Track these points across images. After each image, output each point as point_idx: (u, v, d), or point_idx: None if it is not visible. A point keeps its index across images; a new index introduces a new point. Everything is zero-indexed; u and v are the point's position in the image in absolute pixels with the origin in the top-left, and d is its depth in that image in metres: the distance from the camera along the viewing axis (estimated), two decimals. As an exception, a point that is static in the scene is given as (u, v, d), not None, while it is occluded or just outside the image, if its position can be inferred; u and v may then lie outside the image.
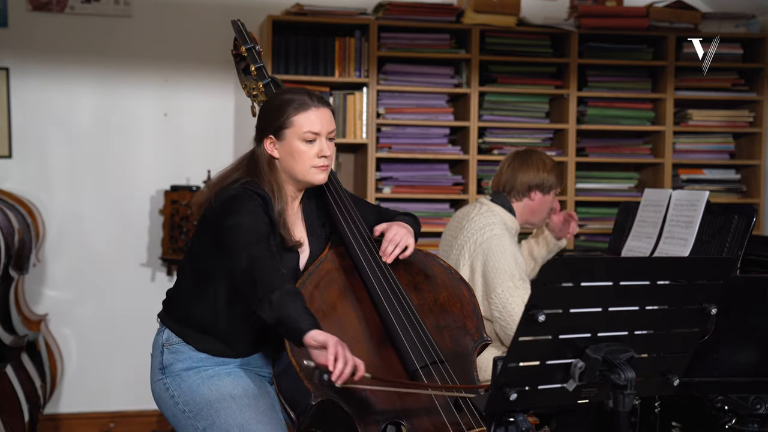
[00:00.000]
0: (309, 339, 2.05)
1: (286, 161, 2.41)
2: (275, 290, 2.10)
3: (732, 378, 2.82)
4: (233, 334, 2.43)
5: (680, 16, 4.75)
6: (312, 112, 2.40)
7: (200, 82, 4.75)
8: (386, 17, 4.54)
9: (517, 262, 3.15)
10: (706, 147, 4.90)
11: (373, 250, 2.50)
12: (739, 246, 3.02)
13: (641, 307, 1.91)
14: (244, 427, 2.31)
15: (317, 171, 2.42)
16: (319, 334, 2.04)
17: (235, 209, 2.30)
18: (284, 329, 2.11)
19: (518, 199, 3.35)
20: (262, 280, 2.13)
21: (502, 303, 3.08)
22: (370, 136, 4.53)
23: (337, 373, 2.00)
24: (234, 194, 2.34)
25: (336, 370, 2.00)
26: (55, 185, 4.64)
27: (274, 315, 2.09)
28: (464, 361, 2.45)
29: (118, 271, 4.69)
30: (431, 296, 2.54)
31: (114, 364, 4.69)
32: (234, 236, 2.25)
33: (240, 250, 2.21)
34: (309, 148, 2.40)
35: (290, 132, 2.39)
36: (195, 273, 2.45)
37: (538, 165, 3.34)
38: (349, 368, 2.02)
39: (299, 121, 2.39)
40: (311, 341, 2.04)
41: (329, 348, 2.01)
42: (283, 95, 2.45)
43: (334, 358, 2.00)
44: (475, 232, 3.23)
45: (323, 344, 2.03)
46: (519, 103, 4.70)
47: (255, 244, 2.21)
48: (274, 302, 2.09)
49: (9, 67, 4.55)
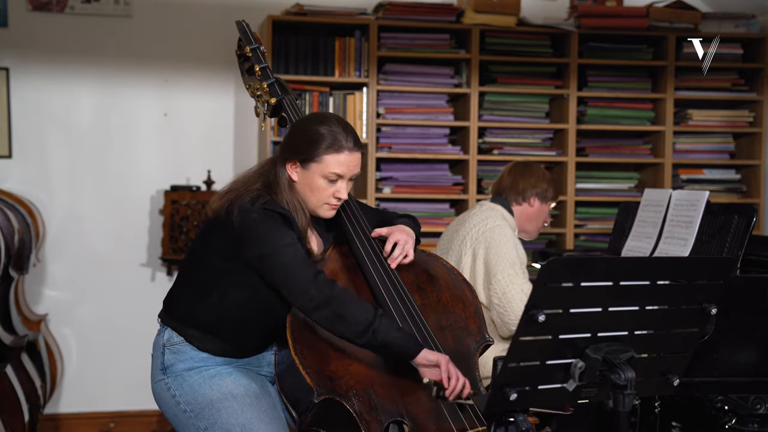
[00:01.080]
0: (422, 359, 2.25)
1: (303, 189, 2.40)
2: (373, 320, 2.24)
3: (732, 378, 2.82)
4: (236, 336, 2.43)
5: (680, 16, 4.75)
6: (344, 155, 2.37)
7: (200, 82, 4.75)
8: (386, 17, 4.53)
9: (518, 252, 3.24)
10: (706, 147, 4.90)
11: (377, 249, 2.50)
12: (739, 246, 3.02)
13: (641, 307, 1.91)
14: (245, 427, 2.32)
15: (328, 208, 2.43)
16: (430, 353, 2.25)
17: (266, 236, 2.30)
18: (389, 352, 2.29)
19: (518, 203, 3.43)
20: (349, 311, 2.26)
21: (502, 290, 3.15)
22: (370, 136, 4.53)
23: (451, 389, 2.24)
24: (257, 218, 2.31)
25: (450, 386, 2.24)
26: (55, 185, 4.64)
27: (379, 342, 2.24)
28: (467, 360, 2.45)
29: (118, 271, 4.69)
30: (434, 296, 2.55)
31: (114, 364, 4.68)
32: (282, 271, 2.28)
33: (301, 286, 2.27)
34: (328, 187, 2.39)
35: (316, 166, 2.37)
36: (199, 275, 2.44)
37: (539, 174, 3.45)
38: (460, 384, 2.25)
39: (328, 160, 2.36)
40: (424, 361, 2.25)
41: (442, 366, 2.24)
42: (320, 127, 2.38)
43: (447, 376, 2.23)
44: (478, 223, 3.31)
45: (435, 363, 2.24)
46: (519, 103, 4.70)
47: (313, 278, 2.27)
48: (378, 330, 2.24)
49: (9, 67, 4.55)
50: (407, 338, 2.26)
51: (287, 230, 2.32)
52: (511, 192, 3.42)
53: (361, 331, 2.24)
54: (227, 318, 2.40)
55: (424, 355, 2.24)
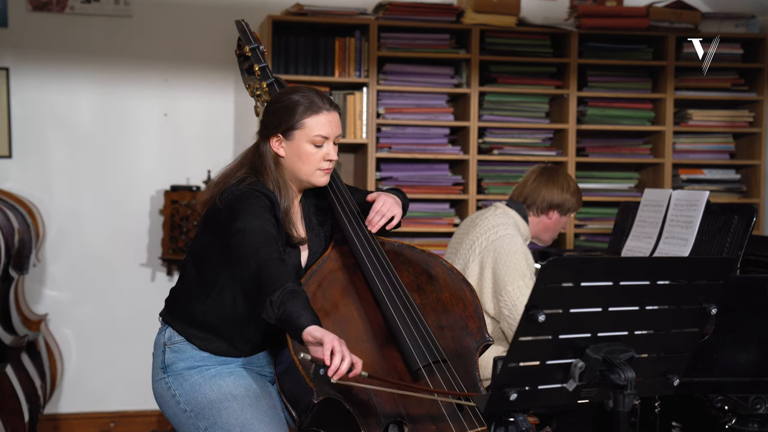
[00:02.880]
0: (306, 335, 2.04)
1: (292, 161, 2.41)
2: (277, 290, 2.09)
3: (732, 378, 2.82)
4: (238, 335, 2.43)
5: (680, 16, 4.75)
6: (323, 116, 2.39)
7: (200, 82, 4.75)
8: (386, 17, 4.54)
9: (528, 262, 3.18)
10: (706, 147, 4.90)
11: (376, 249, 2.50)
12: (739, 246, 3.02)
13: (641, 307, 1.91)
14: (245, 427, 2.32)
15: (322, 174, 2.42)
16: (316, 330, 2.04)
17: (241, 211, 2.29)
18: (286, 326, 2.10)
19: (536, 214, 3.37)
20: (268, 282, 2.12)
21: (513, 301, 3.10)
22: (370, 136, 4.53)
23: (334, 368, 2.00)
24: (239, 194, 2.32)
25: (332, 365, 2.00)
26: (55, 185, 4.64)
27: (275, 314, 2.08)
28: (466, 360, 2.45)
29: (118, 271, 4.69)
30: (434, 296, 2.55)
31: (114, 364, 4.68)
32: (241, 240, 2.23)
33: (248, 255, 2.19)
34: (317, 151, 2.39)
35: (300, 133, 2.38)
36: (198, 272, 2.44)
37: (563, 185, 3.36)
38: (345, 364, 2.01)
39: (310, 123, 2.38)
40: (308, 337, 2.04)
41: (325, 343, 2.01)
42: (293, 95, 2.42)
43: (330, 353, 2.00)
44: (488, 229, 3.25)
45: (320, 340, 2.02)
46: (519, 103, 4.70)
47: (263, 247, 2.20)
48: (274, 301, 2.08)
49: (9, 67, 4.55)
50: (301, 313, 2.07)
51: (266, 210, 2.31)
52: (531, 203, 3.34)
53: (263, 300, 2.10)
54: (226, 316, 2.40)
55: (310, 330, 2.04)
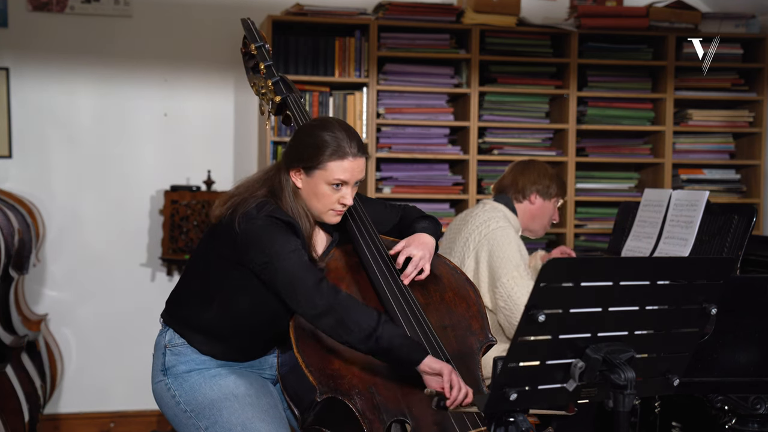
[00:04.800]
0: (425, 367, 2.23)
1: (308, 196, 2.39)
2: (376, 326, 2.22)
3: (732, 378, 2.82)
4: (242, 342, 2.43)
5: (680, 16, 4.75)
6: (348, 162, 2.35)
7: (200, 82, 4.75)
8: (386, 17, 4.53)
9: (521, 254, 3.23)
10: (706, 147, 4.90)
11: (381, 249, 2.50)
12: (739, 246, 3.02)
13: (641, 307, 1.91)
14: (246, 426, 2.32)
15: (333, 214, 2.41)
16: (434, 362, 2.23)
17: (269, 243, 2.28)
18: (393, 358, 2.26)
19: (519, 200, 3.42)
20: (352, 317, 2.23)
21: (507, 292, 3.14)
22: (370, 136, 4.53)
23: (452, 399, 2.21)
24: (262, 225, 2.30)
25: (452, 397, 2.20)
26: (55, 185, 4.63)
27: (383, 348, 2.22)
28: (469, 360, 2.45)
29: (118, 271, 4.69)
30: (437, 296, 2.55)
31: (114, 364, 4.68)
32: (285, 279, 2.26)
33: (304, 294, 2.25)
34: (332, 193, 2.37)
35: (320, 173, 2.35)
36: (203, 280, 2.43)
37: (539, 170, 3.44)
38: (462, 395, 2.21)
39: (332, 167, 2.34)
40: (427, 369, 2.23)
41: (444, 376, 2.21)
42: (324, 133, 2.36)
43: (450, 386, 2.21)
44: (480, 224, 3.30)
45: (438, 372, 2.22)
46: (519, 103, 4.70)
47: (316, 285, 2.25)
48: (381, 338, 2.22)
49: (9, 67, 4.55)
50: (411, 345, 2.24)
51: (291, 237, 2.31)
52: (511, 190, 3.41)
53: (365, 338, 2.22)
54: (231, 323, 2.40)
55: (427, 362, 2.22)
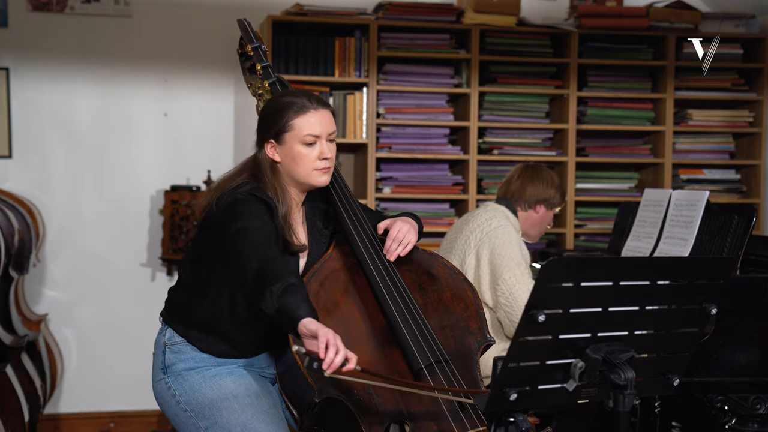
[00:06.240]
0: (302, 327, 2.04)
1: (288, 165, 2.40)
2: (278, 281, 2.10)
3: (732, 378, 2.82)
4: (237, 336, 2.43)
5: (680, 16, 4.75)
6: (311, 115, 2.38)
7: (200, 82, 4.75)
8: (386, 17, 4.54)
9: (522, 252, 3.26)
10: (706, 147, 4.90)
11: (378, 249, 2.50)
12: (739, 246, 3.02)
13: (641, 307, 1.91)
14: (246, 426, 2.32)
15: (319, 173, 2.41)
16: (311, 322, 2.04)
17: (239, 214, 2.29)
18: (283, 318, 2.10)
19: (523, 209, 3.45)
20: (271, 275, 2.13)
21: (509, 289, 3.17)
22: (370, 136, 4.53)
23: (328, 361, 1.99)
24: (238, 198, 2.33)
25: (326, 358, 1.99)
26: (55, 185, 4.64)
27: (274, 305, 2.08)
28: (468, 360, 2.45)
29: (118, 271, 4.69)
30: (435, 296, 2.55)
31: (114, 364, 4.68)
32: (242, 239, 2.23)
33: (250, 252, 2.20)
34: (310, 151, 2.39)
35: (290, 136, 2.38)
36: (196, 274, 2.44)
37: (548, 180, 3.46)
38: (339, 358, 2.00)
39: (299, 124, 2.37)
40: (304, 329, 2.04)
41: (319, 336, 2.00)
42: (281, 99, 2.43)
43: (325, 347, 2.00)
44: (482, 223, 3.33)
45: (314, 333, 2.02)
46: (519, 103, 4.70)
47: (264, 246, 2.21)
48: (274, 292, 2.08)
49: (9, 67, 4.55)
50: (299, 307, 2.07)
51: (265, 213, 2.31)
52: (517, 198, 3.44)
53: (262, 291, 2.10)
54: (226, 317, 2.40)
55: (305, 323, 2.04)
